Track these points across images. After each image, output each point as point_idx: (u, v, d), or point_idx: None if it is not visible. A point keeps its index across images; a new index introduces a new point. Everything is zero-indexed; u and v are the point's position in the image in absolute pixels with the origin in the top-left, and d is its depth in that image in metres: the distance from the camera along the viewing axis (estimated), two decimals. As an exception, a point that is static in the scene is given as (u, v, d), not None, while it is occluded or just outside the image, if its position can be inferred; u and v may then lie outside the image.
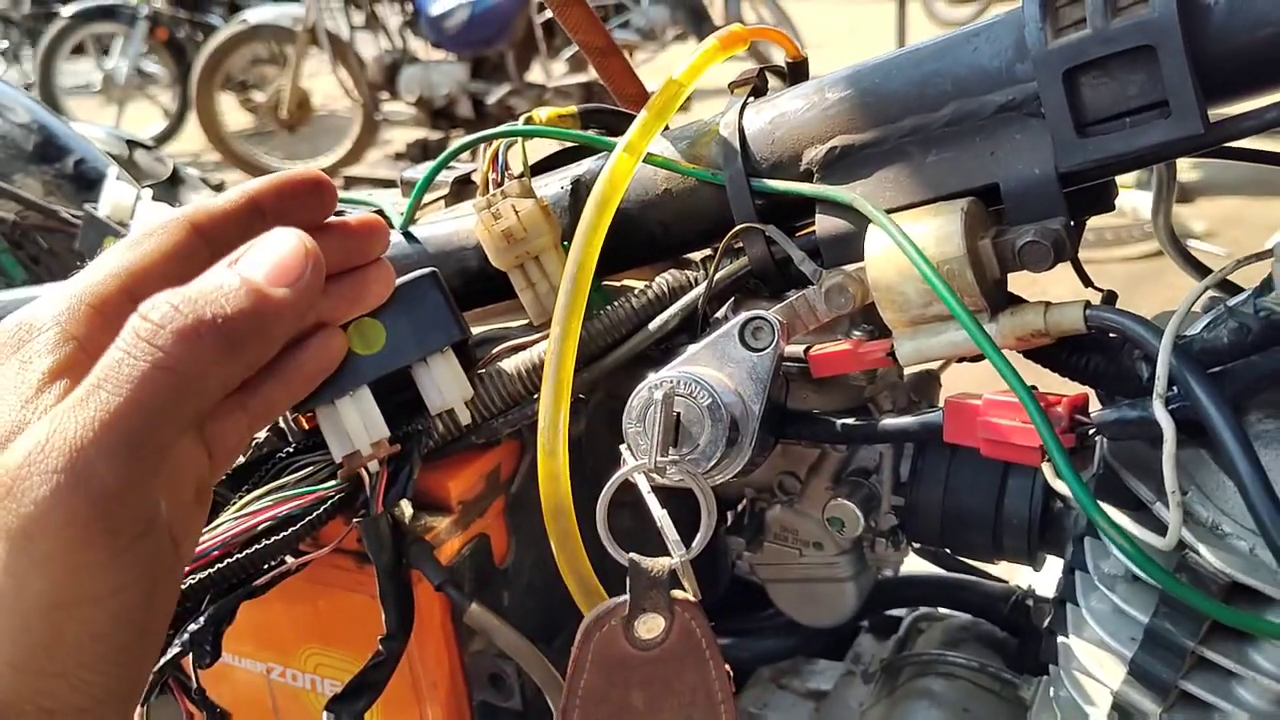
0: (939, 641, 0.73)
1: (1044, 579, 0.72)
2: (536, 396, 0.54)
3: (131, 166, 1.20)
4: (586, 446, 0.62)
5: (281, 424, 0.57)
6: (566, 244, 0.54)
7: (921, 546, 0.68)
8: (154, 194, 0.99)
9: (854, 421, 0.54)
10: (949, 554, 0.67)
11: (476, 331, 0.62)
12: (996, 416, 0.47)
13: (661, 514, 0.45)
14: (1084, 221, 0.53)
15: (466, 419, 0.55)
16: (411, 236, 0.63)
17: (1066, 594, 0.55)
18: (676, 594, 0.46)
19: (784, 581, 0.66)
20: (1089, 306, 0.45)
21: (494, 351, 0.58)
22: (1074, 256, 0.48)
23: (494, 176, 0.59)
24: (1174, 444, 0.42)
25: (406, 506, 0.55)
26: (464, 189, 0.70)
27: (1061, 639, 0.54)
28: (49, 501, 0.30)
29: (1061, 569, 0.59)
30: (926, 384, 0.65)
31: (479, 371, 0.57)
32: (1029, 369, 0.48)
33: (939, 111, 0.49)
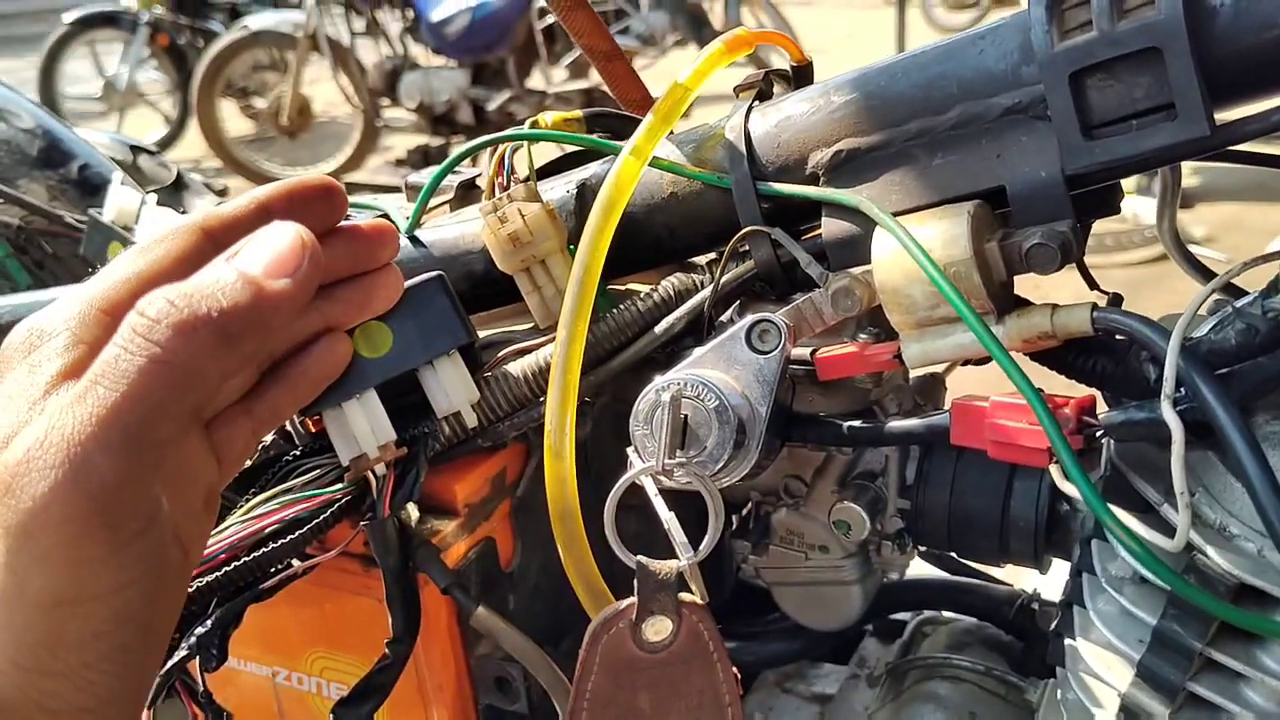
0: (944, 645, 0.73)
1: (1049, 582, 0.71)
2: (543, 400, 0.54)
3: (135, 172, 1.20)
4: (593, 449, 0.62)
5: (288, 427, 0.57)
6: (572, 248, 0.54)
7: (926, 550, 0.67)
8: (158, 199, 0.99)
9: (860, 424, 0.54)
10: (954, 557, 0.66)
11: (482, 335, 0.62)
12: (1004, 418, 0.47)
13: (669, 516, 0.45)
14: (1090, 224, 0.53)
15: (473, 422, 0.55)
16: (417, 240, 0.63)
17: (1074, 596, 0.54)
18: (684, 596, 0.46)
19: (789, 585, 0.66)
20: (1096, 309, 0.45)
21: (500, 355, 0.58)
22: (1080, 259, 0.48)
23: (500, 180, 0.59)
24: (1182, 445, 0.42)
25: (413, 510, 0.55)
26: (468, 194, 0.70)
27: (1069, 641, 0.54)
28: (48, 497, 0.30)
29: (1068, 572, 0.59)
30: (931, 387, 0.65)
31: (485, 375, 0.57)
32: (1034, 371, 0.48)
33: (945, 114, 0.49)
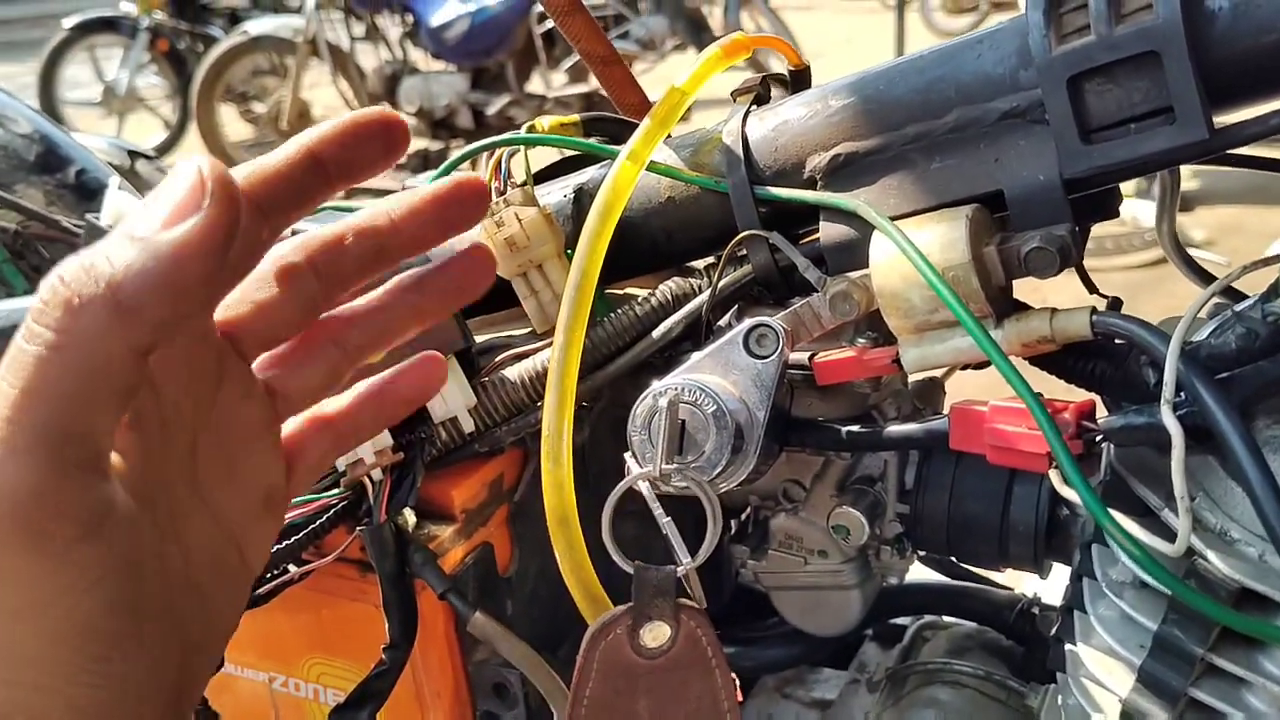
0: (944, 650, 0.73)
1: (1050, 587, 0.71)
2: (540, 404, 0.54)
3: (133, 176, 1.20)
4: (590, 454, 0.61)
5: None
6: (570, 252, 0.54)
7: (926, 554, 0.67)
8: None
9: (859, 429, 0.54)
10: (954, 561, 0.66)
11: (479, 340, 0.62)
12: (1003, 423, 0.47)
13: (667, 521, 0.45)
14: (1089, 228, 0.53)
15: (470, 427, 0.55)
16: (414, 245, 0.63)
17: (1074, 601, 0.54)
18: (682, 602, 0.46)
19: (788, 590, 0.66)
20: (1095, 313, 0.45)
21: (497, 359, 0.58)
22: (1079, 263, 0.48)
23: (497, 184, 0.59)
24: (1182, 450, 0.42)
25: (410, 515, 0.55)
26: (467, 197, 0.70)
27: (1069, 647, 0.54)
28: None
29: (1068, 576, 0.59)
30: (930, 391, 0.65)
31: (482, 379, 0.57)
32: (1033, 375, 0.48)
33: (943, 118, 0.49)
